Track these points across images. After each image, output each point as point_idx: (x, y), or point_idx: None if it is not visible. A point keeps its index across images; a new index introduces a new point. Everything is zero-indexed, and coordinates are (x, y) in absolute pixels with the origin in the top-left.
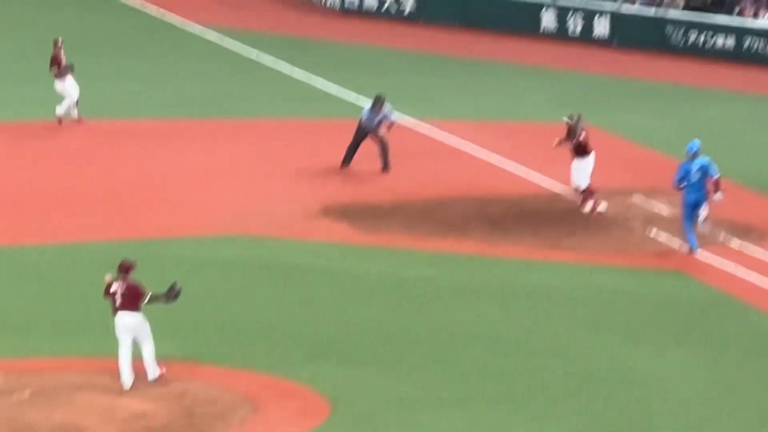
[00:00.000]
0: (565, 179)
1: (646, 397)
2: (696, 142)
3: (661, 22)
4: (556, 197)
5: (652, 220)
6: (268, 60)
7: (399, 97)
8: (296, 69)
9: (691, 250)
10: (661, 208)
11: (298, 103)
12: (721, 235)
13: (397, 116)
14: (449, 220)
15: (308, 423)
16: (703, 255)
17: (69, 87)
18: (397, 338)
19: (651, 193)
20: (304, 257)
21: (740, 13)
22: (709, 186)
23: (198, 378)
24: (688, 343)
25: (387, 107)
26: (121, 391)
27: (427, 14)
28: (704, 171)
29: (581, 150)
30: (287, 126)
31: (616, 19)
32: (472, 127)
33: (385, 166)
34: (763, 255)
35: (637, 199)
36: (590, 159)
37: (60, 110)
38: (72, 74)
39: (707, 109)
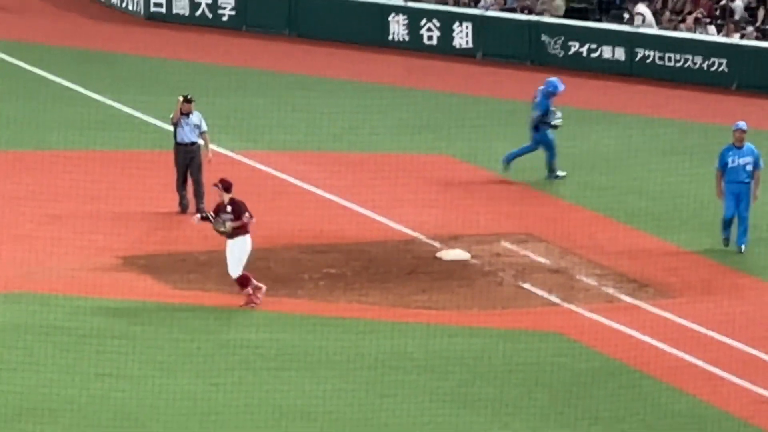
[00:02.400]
0: (417, 223)
1: None
2: None
3: (534, 30)
4: (406, 245)
5: (525, 270)
6: (54, 79)
7: (215, 123)
8: (89, 91)
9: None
10: (536, 256)
11: (93, 131)
12: (611, 290)
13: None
14: (278, 272)
15: None
16: (588, 314)
17: None
18: (213, 416)
19: (523, 238)
20: (101, 319)
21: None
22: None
23: None
24: (570, 421)
25: (197, 115)
26: None
27: (249, 22)
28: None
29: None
30: (79, 159)
31: (481, 26)
32: (305, 160)
33: (199, 207)
34: (660, 314)
35: (507, 245)
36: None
37: None
38: None
39: (589, 134)
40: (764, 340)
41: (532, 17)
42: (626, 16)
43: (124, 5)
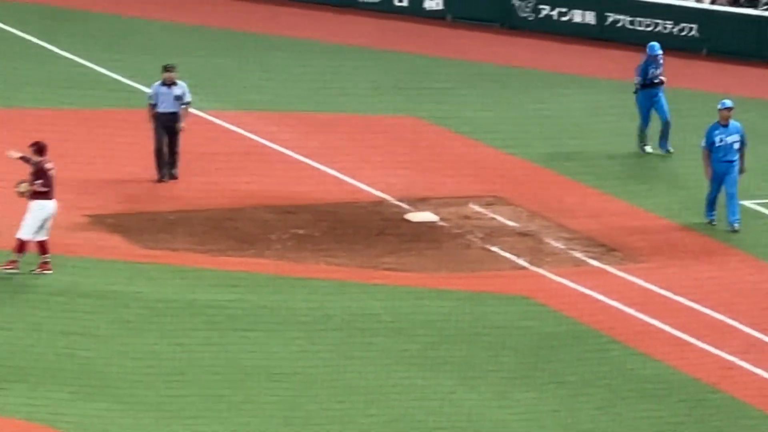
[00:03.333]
0: (386, 185)
1: None
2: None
3: None
4: (375, 206)
5: (493, 233)
6: (23, 36)
7: (185, 81)
8: (59, 48)
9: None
10: (504, 219)
11: (63, 89)
12: (579, 254)
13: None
14: (246, 232)
15: None
16: (556, 278)
17: None
18: (179, 376)
19: (491, 200)
20: (69, 277)
21: None
22: None
23: None
24: (537, 384)
25: (181, 86)
26: None
27: None
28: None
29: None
30: (48, 117)
31: None
32: (274, 120)
33: (171, 172)
34: (628, 278)
35: (475, 207)
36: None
37: None
38: None
39: (558, 98)
40: (732, 305)
41: None
42: None
43: None
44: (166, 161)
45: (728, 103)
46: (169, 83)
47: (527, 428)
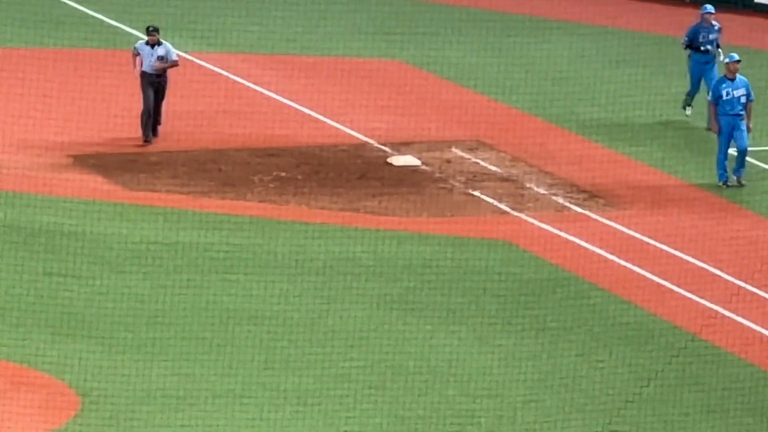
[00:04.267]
0: (368, 128)
1: (464, 394)
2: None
3: None
4: (357, 150)
5: (476, 178)
6: None
7: (169, 24)
8: None
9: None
10: (487, 164)
11: (47, 29)
12: (561, 200)
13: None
14: (229, 175)
15: (53, 419)
16: (538, 223)
17: None
18: (160, 318)
19: (474, 145)
20: (50, 217)
21: None
22: None
23: None
24: (518, 330)
25: (164, 47)
26: None
27: None
28: None
29: None
30: (31, 57)
31: None
32: (258, 62)
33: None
34: (610, 224)
35: (457, 152)
36: None
37: None
38: None
39: (542, 43)
40: (713, 254)
41: None
42: None
43: None
44: (151, 122)
45: (735, 56)
46: (152, 44)
47: (507, 374)
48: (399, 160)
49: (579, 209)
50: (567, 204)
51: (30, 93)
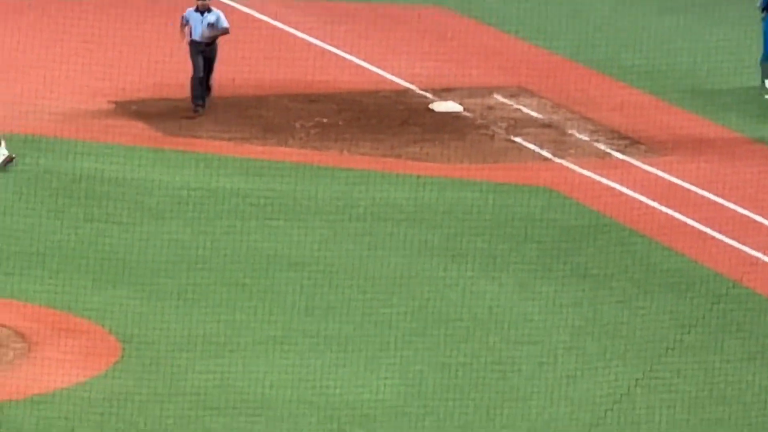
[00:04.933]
0: (410, 74)
1: (505, 341)
2: None
3: None
4: (399, 96)
5: (518, 124)
6: None
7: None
8: None
9: None
10: (529, 111)
11: None
12: (602, 146)
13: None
14: (269, 121)
15: (94, 365)
16: (579, 169)
17: None
18: (201, 264)
19: (516, 91)
20: (91, 163)
21: None
22: None
23: None
24: (559, 277)
25: (215, 13)
26: None
27: None
28: None
29: None
30: (73, 2)
31: None
32: (300, 8)
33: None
34: (652, 171)
35: (499, 98)
36: None
37: None
38: None
39: None
40: (755, 200)
41: None
42: None
43: None
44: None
45: None
46: (203, 10)
47: (549, 320)
48: (440, 106)
49: (621, 156)
50: (609, 150)
51: (71, 39)
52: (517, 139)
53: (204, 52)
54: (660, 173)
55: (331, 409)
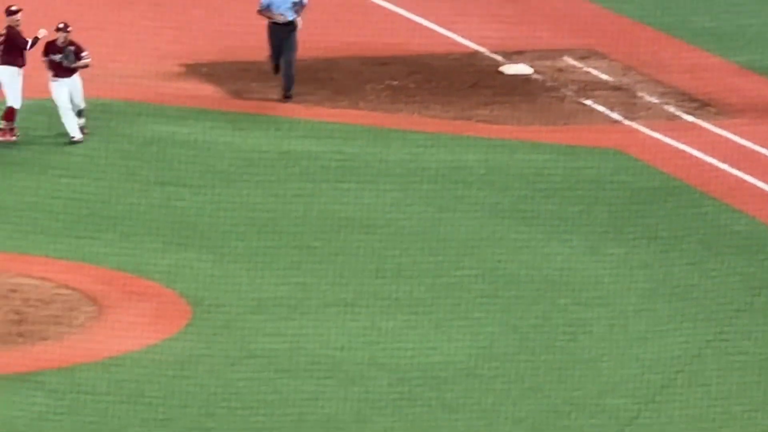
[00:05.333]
0: (481, 37)
1: (576, 303)
2: None
3: None
4: (469, 58)
5: (588, 87)
6: None
7: None
8: None
9: None
10: (599, 73)
11: None
12: (672, 108)
13: None
14: (340, 83)
15: (164, 328)
16: (649, 132)
17: None
18: (272, 227)
19: (586, 54)
20: (163, 126)
21: None
22: None
23: (31, 273)
24: (629, 239)
25: None
26: None
27: None
28: None
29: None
30: None
31: None
32: None
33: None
34: (721, 133)
35: (569, 61)
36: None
37: None
38: None
39: None
40: None
41: None
42: None
43: None
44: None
45: None
46: None
47: (619, 282)
48: (511, 68)
49: (691, 118)
50: (678, 113)
51: (142, 2)
52: (587, 102)
53: (282, 33)
54: (730, 135)
55: (402, 372)
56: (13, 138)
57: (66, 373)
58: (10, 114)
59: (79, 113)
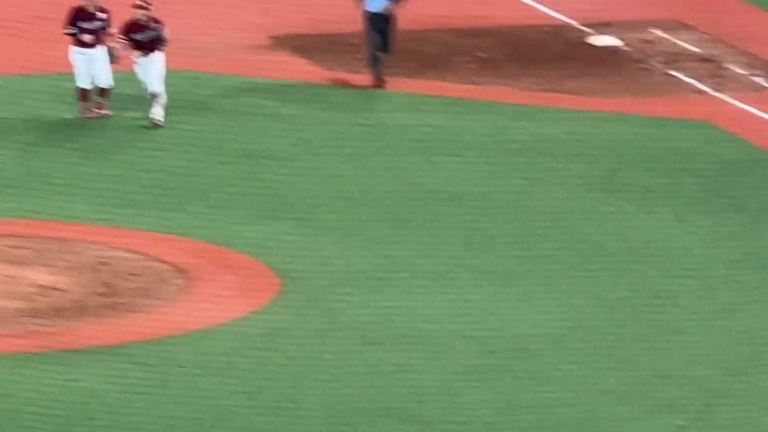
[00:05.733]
0: (569, 9)
1: (664, 275)
2: None
3: None
4: (558, 30)
5: (676, 58)
6: None
7: None
8: None
9: None
10: (686, 45)
11: None
12: (761, 80)
13: None
14: (428, 54)
15: (253, 300)
16: (738, 103)
17: None
18: (362, 199)
19: (673, 26)
20: (252, 98)
21: None
22: None
23: (120, 245)
24: (717, 210)
25: None
26: (24, 261)
27: None
28: None
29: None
30: None
31: None
32: None
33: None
34: None
35: (657, 33)
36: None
37: None
38: None
39: None
40: None
41: None
42: None
43: None
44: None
45: None
46: None
47: (707, 254)
48: (599, 40)
49: None
50: (767, 85)
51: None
52: (675, 73)
53: (380, 24)
54: None
55: (491, 344)
56: (109, 113)
57: (155, 345)
58: (105, 90)
59: (153, 96)
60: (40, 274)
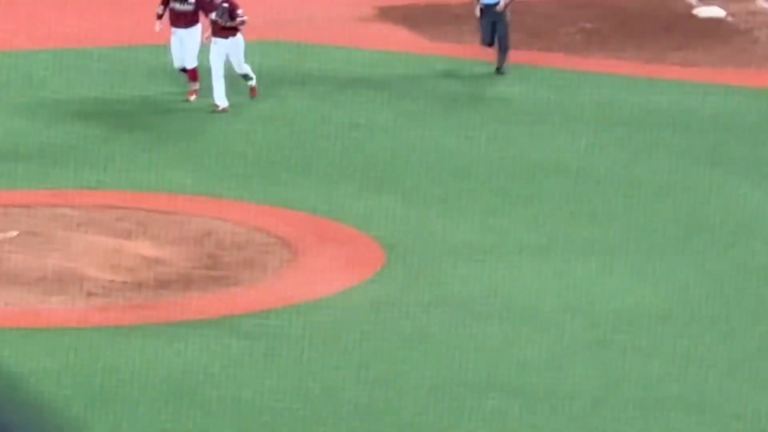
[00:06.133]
0: None
1: None
2: None
3: None
4: (663, 1)
5: None
6: None
7: None
8: None
9: None
10: None
11: None
12: None
13: None
14: (533, 26)
15: (359, 272)
16: None
17: None
18: (466, 171)
19: None
20: (356, 69)
21: None
22: None
23: (223, 217)
24: None
25: None
26: (128, 233)
27: None
28: None
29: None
30: None
31: None
32: None
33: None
34: None
35: (763, 4)
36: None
37: None
38: None
39: None
40: None
41: None
42: None
43: None
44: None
45: None
46: None
47: None
48: (704, 11)
49: None
50: None
51: None
52: None
53: (492, 17)
54: None
55: (596, 316)
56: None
57: (260, 317)
58: (193, 73)
59: (245, 77)
60: (144, 246)
